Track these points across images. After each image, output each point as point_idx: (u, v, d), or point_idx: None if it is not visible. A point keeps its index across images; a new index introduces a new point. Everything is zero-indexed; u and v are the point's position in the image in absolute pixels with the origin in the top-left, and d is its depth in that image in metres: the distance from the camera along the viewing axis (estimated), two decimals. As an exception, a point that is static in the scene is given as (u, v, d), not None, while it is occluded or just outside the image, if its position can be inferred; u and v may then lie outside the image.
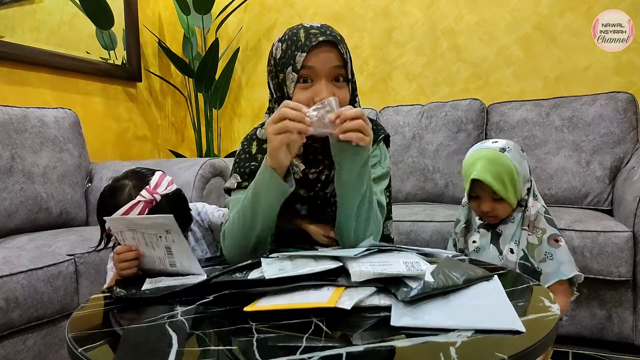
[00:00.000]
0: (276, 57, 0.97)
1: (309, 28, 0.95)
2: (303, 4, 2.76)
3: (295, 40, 0.94)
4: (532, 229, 1.17)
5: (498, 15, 2.36)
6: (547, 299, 0.72)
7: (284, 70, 0.95)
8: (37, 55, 2.18)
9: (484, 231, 1.22)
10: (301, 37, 0.93)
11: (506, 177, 1.14)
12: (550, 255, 1.14)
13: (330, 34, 0.94)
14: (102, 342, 0.62)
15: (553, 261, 1.14)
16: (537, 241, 1.15)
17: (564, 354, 1.57)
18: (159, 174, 1.09)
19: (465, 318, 0.62)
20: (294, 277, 0.72)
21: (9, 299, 1.24)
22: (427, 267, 0.73)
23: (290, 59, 0.93)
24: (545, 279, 1.14)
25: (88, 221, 2.01)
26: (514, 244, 1.17)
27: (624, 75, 2.14)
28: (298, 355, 0.53)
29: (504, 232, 1.19)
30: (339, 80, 0.95)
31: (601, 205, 1.92)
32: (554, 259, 1.14)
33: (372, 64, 2.64)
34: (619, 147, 1.93)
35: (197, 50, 2.89)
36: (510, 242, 1.17)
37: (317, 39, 0.91)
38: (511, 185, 1.14)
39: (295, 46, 0.93)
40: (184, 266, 0.89)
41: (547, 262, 1.14)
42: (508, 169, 1.14)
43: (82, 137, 2.08)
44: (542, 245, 1.15)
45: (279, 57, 0.96)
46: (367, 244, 0.86)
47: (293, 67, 0.93)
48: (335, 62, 0.93)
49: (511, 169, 1.14)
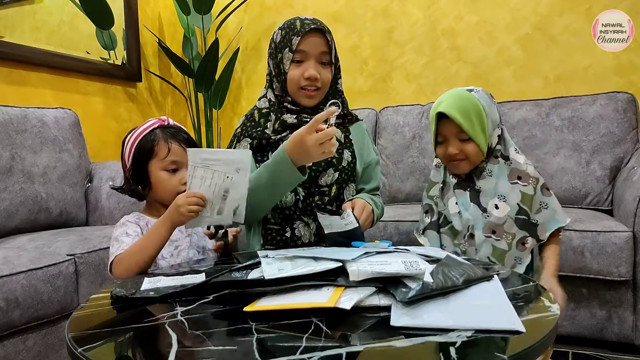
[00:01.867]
0: (276, 41, 1.22)
1: (304, 19, 1.21)
2: (303, 4, 2.76)
3: (292, 27, 1.19)
4: (527, 179, 1.12)
5: (498, 15, 2.36)
6: (547, 299, 0.72)
7: (282, 51, 1.20)
8: (37, 55, 2.18)
9: (460, 191, 1.16)
10: (297, 25, 1.19)
11: (473, 113, 1.09)
12: (545, 204, 1.12)
13: (320, 24, 1.21)
14: (102, 342, 0.62)
15: (548, 210, 1.12)
16: (532, 191, 1.11)
17: (564, 354, 1.57)
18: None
19: (465, 318, 0.62)
20: (293, 277, 0.72)
21: (9, 299, 1.24)
22: (426, 267, 0.73)
23: (287, 41, 1.19)
24: (543, 229, 1.11)
25: (88, 221, 2.01)
26: (499, 199, 1.11)
27: (624, 75, 2.14)
28: (298, 355, 0.53)
29: (483, 187, 1.13)
30: (325, 63, 1.21)
31: (601, 205, 1.92)
32: (549, 207, 1.12)
33: (372, 64, 2.64)
34: (619, 147, 1.93)
35: (197, 50, 2.89)
36: (494, 197, 1.12)
37: (310, 27, 1.18)
38: (479, 122, 1.09)
39: (292, 32, 1.19)
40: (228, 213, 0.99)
41: (542, 211, 1.12)
42: (474, 105, 1.10)
43: (82, 137, 2.08)
44: (537, 194, 1.11)
45: (279, 41, 1.21)
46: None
47: (289, 48, 1.18)
48: (322, 47, 1.20)
49: (478, 106, 1.10)
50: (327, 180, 1.21)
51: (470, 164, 1.14)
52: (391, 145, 2.31)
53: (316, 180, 1.21)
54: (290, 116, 1.22)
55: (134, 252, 1.00)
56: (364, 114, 2.39)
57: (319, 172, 1.21)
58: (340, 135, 1.26)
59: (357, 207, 1.14)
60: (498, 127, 1.15)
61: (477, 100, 1.10)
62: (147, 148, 1.12)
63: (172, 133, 1.14)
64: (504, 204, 1.11)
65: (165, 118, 1.18)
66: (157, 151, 1.12)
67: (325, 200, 1.20)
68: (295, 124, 1.21)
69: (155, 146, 1.12)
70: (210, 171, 0.95)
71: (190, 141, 1.16)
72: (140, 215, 1.15)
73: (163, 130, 1.14)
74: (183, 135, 1.15)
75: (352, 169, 1.25)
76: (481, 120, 1.10)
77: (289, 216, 1.21)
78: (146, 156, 1.12)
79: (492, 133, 1.13)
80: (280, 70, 1.21)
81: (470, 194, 1.15)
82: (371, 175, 1.32)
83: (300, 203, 1.20)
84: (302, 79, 1.18)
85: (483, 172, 1.14)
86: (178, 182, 1.11)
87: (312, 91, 1.20)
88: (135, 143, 1.14)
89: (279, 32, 1.22)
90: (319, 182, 1.21)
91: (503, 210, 1.11)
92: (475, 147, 1.11)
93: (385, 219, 1.79)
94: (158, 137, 1.12)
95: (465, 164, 1.14)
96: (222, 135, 3.04)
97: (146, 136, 1.13)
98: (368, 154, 1.32)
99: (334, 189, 1.21)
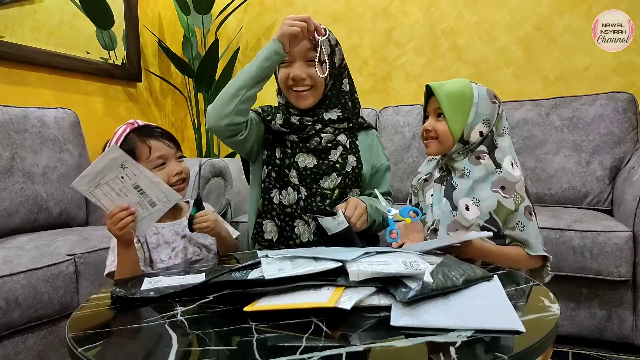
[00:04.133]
0: None
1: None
2: (303, 4, 2.76)
3: None
4: (511, 192, 1.07)
5: (498, 15, 2.36)
6: (547, 299, 0.72)
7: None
8: (37, 55, 2.18)
9: (438, 185, 1.15)
10: None
11: (458, 95, 1.09)
12: (521, 226, 1.07)
13: None
14: (102, 342, 0.62)
15: (522, 233, 1.06)
16: (512, 206, 1.06)
17: (564, 354, 1.57)
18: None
19: (465, 318, 0.62)
20: (293, 277, 0.72)
21: (9, 299, 1.24)
22: (426, 267, 0.73)
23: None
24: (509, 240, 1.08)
25: (88, 221, 2.01)
26: (472, 202, 1.07)
27: (624, 75, 2.14)
28: (298, 355, 0.53)
29: (459, 186, 1.10)
30: (313, 61, 1.19)
31: (601, 205, 1.92)
32: (524, 231, 1.06)
33: (372, 64, 2.64)
34: (619, 147, 1.93)
35: (197, 50, 2.89)
36: (464, 197, 1.08)
37: None
38: (458, 105, 1.08)
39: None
40: (160, 199, 0.97)
41: (515, 231, 1.07)
42: (464, 90, 1.09)
43: (82, 137, 2.08)
44: (517, 212, 1.06)
45: None
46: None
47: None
48: (306, 44, 1.19)
49: (467, 92, 1.09)
50: (330, 184, 1.21)
51: (439, 145, 1.13)
52: (391, 145, 2.31)
53: (318, 182, 1.21)
54: (295, 117, 1.24)
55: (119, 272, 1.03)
56: (364, 114, 2.39)
57: (321, 176, 1.21)
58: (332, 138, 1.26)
59: (349, 206, 1.14)
60: (483, 124, 1.10)
61: (471, 88, 1.10)
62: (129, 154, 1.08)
63: (146, 132, 1.14)
64: (476, 207, 1.07)
65: (133, 121, 1.18)
66: (140, 153, 1.11)
67: (326, 203, 1.20)
68: (297, 125, 1.23)
69: (136, 150, 1.11)
70: (105, 186, 0.95)
71: (165, 134, 1.16)
72: None
73: (136, 132, 1.13)
74: (156, 130, 1.16)
75: (356, 175, 1.25)
76: (463, 106, 1.09)
77: (290, 214, 1.22)
78: None
79: (472, 125, 1.09)
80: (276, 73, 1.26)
81: (445, 189, 1.12)
82: (380, 181, 1.32)
83: (302, 202, 1.20)
84: (289, 79, 1.21)
85: (462, 170, 1.11)
86: (168, 176, 1.11)
87: (302, 91, 1.21)
88: None
89: None
90: (321, 185, 1.21)
91: (472, 214, 1.07)
92: (446, 127, 1.10)
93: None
94: (135, 140, 1.12)
95: (434, 145, 1.13)
96: (222, 135, 3.04)
97: (123, 143, 1.12)
98: (377, 159, 1.32)
99: (336, 193, 1.21)
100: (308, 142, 1.24)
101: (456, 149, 1.12)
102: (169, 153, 1.13)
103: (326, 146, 1.24)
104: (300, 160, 1.23)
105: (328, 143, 1.24)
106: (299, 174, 1.21)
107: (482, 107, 1.10)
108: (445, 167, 1.16)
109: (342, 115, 1.26)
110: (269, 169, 1.25)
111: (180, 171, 1.13)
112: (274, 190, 1.24)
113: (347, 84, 1.30)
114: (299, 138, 1.24)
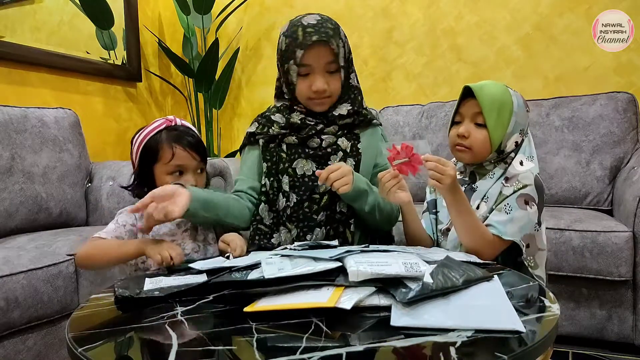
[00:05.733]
0: (281, 49, 1.19)
1: (306, 26, 1.14)
2: (303, 4, 2.76)
3: (295, 37, 1.14)
4: (513, 181, 1.04)
5: (498, 15, 2.36)
6: (547, 299, 0.72)
7: (287, 62, 1.17)
8: (37, 55, 2.18)
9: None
10: (299, 35, 1.14)
11: (499, 103, 1.03)
12: (509, 208, 1.00)
13: (323, 31, 1.14)
14: (102, 342, 0.62)
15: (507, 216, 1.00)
16: (510, 192, 1.02)
17: (564, 354, 1.57)
18: None
19: (465, 318, 0.62)
20: (293, 277, 0.72)
21: (9, 299, 1.24)
22: (426, 269, 0.73)
23: (291, 53, 1.15)
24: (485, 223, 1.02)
25: (88, 221, 2.01)
26: (483, 200, 1.06)
27: (624, 75, 2.14)
28: (298, 355, 0.53)
29: (480, 187, 1.07)
30: (333, 72, 1.18)
31: (601, 205, 1.92)
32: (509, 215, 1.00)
33: (372, 63, 2.64)
34: (619, 147, 1.93)
35: (197, 50, 2.89)
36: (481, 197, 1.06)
37: (312, 39, 1.12)
38: (500, 113, 1.03)
39: (294, 43, 1.14)
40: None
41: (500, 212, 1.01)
42: (505, 98, 1.04)
43: (82, 137, 2.08)
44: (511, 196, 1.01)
45: (284, 50, 1.17)
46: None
47: (294, 61, 1.15)
48: (327, 58, 1.16)
49: (508, 101, 1.04)
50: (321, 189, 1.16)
51: (472, 156, 1.07)
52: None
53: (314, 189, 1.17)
54: (296, 115, 1.21)
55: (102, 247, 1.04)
56: (364, 114, 2.39)
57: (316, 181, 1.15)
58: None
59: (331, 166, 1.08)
60: (520, 134, 1.07)
61: (510, 96, 1.05)
62: (152, 151, 1.11)
63: (177, 136, 1.12)
64: (484, 204, 1.06)
65: (172, 118, 1.17)
66: (162, 155, 1.11)
67: (314, 208, 1.16)
68: (299, 124, 1.20)
69: (160, 150, 1.11)
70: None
71: (194, 144, 1.13)
72: None
73: (168, 133, 1.12)
74: (188, 138, 1.13)
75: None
76: (504, 115, 1.03)
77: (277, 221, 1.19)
78: (151, 159, 1.12)
79: (510, 135, 1.05)
80: (287, 80, 1.20)
81: (466, 191, 1.09)
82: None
83: (289, 209, 1.17)
84: (310, 92, 1.17)
85: (486, 174, 1.09)
86: None
87: (322, 99, 1.19)
88: (142, 145, 1.13)
89: (283, 39, 1.18)
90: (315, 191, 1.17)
91: (480, 211, 1.05)
92: (486, 137, 1.04)
93: (385, 219, 1.79)
94: (162, 140, 1.11)
95: (467, 155, 1.07)
96: (222, 135, 3.04)
97: (151, 139, 1.12)
98: (383, 158, 1.24)
99: (325, 199, 1.16)
100: (307, 143, 1.20)
101: (490, 157, 1.08)
102: (190, 165, 1.12)
103: (326, 151, 1.19)
104: (299, 166, 1.19)
105: (328, 147, 1.20)
106: (291, 180, 1.18)
107: (520, 116, 1.06)
108: (471, 173, 1.13)
109: (351, 110, 1.22)
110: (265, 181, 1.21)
111: (194, 185, 1.12)
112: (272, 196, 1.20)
113: (355, 78, 1.28)
114: (298, 139, 1.21)
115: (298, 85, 1.18)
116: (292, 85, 1.20)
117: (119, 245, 1.04)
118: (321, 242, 1.04)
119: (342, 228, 1.17)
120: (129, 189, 1.19)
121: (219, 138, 3.01)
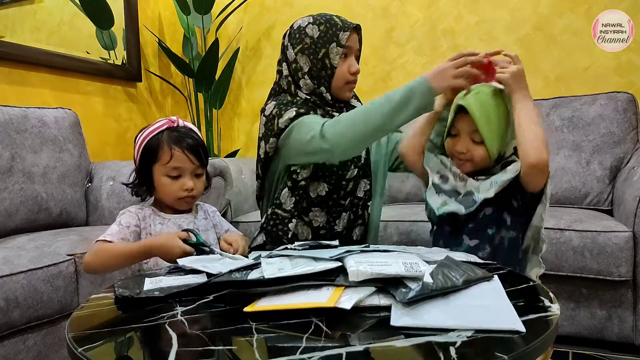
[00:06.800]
0: (314, 37, 1.19)
1: (337, 16, 1.22)
2: (303, 4, 2.76)
3: (334, 23, 1.19)
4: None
5: (498, 15, 2.36)
6: (547, 299, 0.72)
7: (326, 46, 1.18)
8: (37, 55, 2.18)
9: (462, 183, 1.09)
10: (337, 21, 1.20)
11: (494, 114, 1.02)
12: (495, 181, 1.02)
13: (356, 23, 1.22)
14: (102, 342, 0.62)
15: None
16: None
17: (564, 354, 1.57)
18: None
19: (465, 318, 0.62)
20: (293, 276, 0.72)
21: (9, 299, 1.24)
22: (426, 269, 0.73)
23: (333, 36, 1.18)
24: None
25: (88, 221, 2.01)
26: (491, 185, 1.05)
27: (624, 75, 2.14)
28: (298, 355, 0.53)
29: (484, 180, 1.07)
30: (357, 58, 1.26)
31: (601, 205, 1.92)
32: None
33: (372, 63, 2.64)
34: (619, 147, 1.93)
35: (197, 50, 2.89)
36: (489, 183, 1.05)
37: (352, 24, 1.20)
38: (497, 125, 1.02)
39: (335, 27, 1.18)
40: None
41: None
42: (499, 107, 1.02)
43: (82, 137, 2.08)
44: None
45: (319, 36, 1.18)
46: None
47: (337, 43, 1.18)
48: (359, 44, 1.25)
49: (503, 110, 1.02)
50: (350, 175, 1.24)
51: (473, 166, 1.08)
52: (391, 145, 2.31)
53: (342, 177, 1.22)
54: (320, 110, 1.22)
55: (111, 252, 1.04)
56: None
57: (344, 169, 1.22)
58: None
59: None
60: None
61: (505, 103, 1.04)
62: (152, 151, 1.11)
63: (177, 138, 1.12)
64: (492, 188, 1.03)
65: (175, 119, 1.16)
66: (161, 156, 1.11)
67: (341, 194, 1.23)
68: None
69: (160, 150, 1.11)
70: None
71: (194, 147, 1.12)
72: (143, 206, 1.17)
73: (169, 134, 1.12)
74: (188, 140, 1.12)
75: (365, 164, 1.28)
76: (500, 125, 1.03)
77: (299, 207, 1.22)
78: (151, 159, 1.12)
79: (510, 142, 1.05)
80: (324, 65, 1.19)
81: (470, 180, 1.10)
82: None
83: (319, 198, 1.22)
84: (349, 74, 1.21)
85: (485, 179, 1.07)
86: (179, 189, 1.11)
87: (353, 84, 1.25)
88: (143, 144, 1.13)
89: (314, 27, 1.19)
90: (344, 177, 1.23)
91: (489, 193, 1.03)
92: (484, 153, 1.04)
93: (385, 218, 1.78)
94: (163, 141, 1.11)
95: (468, 165, 1.08)
96: (222, 135, 3.04)
97: (152, 139, 1.12)
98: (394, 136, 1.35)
99: (350, 185, 1.24)
100: None
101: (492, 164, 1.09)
102: (188, 168, 1.12)
103: None
104: None
105: None
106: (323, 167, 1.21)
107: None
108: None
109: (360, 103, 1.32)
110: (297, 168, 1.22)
111: (191, 188, 1.12)
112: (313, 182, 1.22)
113: None
114: None
115: (339, 67, 1.19)
116: (329, 71, 1.19)
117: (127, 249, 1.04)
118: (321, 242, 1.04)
119: (360, 211, 1.30)
120: (129, 186, 1.19)
121: (219, 138, 3.01)
